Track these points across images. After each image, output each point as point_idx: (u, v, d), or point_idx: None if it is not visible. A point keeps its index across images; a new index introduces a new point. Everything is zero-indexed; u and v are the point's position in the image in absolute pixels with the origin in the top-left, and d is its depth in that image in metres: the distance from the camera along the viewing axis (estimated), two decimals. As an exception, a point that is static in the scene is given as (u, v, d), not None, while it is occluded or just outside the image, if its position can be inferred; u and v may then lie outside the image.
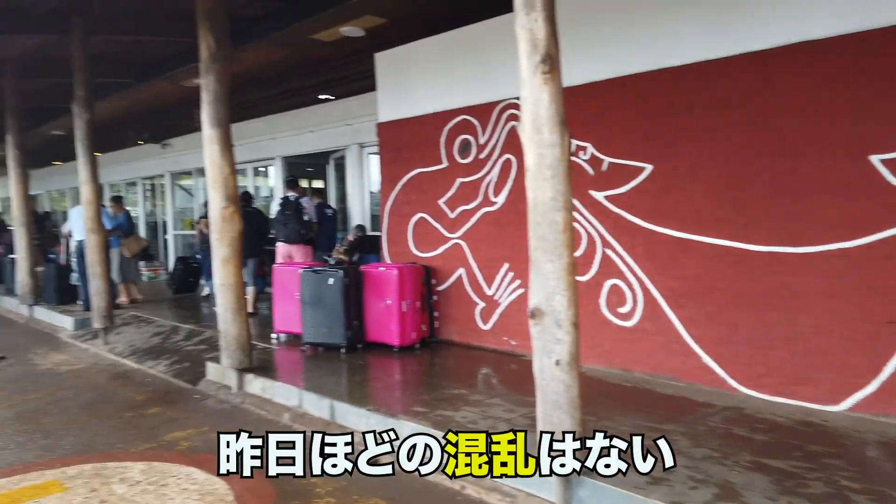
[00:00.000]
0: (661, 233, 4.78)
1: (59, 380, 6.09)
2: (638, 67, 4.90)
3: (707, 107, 4.52)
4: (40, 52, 8.84)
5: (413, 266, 6.19)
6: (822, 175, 4.03)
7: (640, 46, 4.90)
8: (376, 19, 7.61)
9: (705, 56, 4.52)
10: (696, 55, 4.56)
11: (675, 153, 4.72)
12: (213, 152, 5.26)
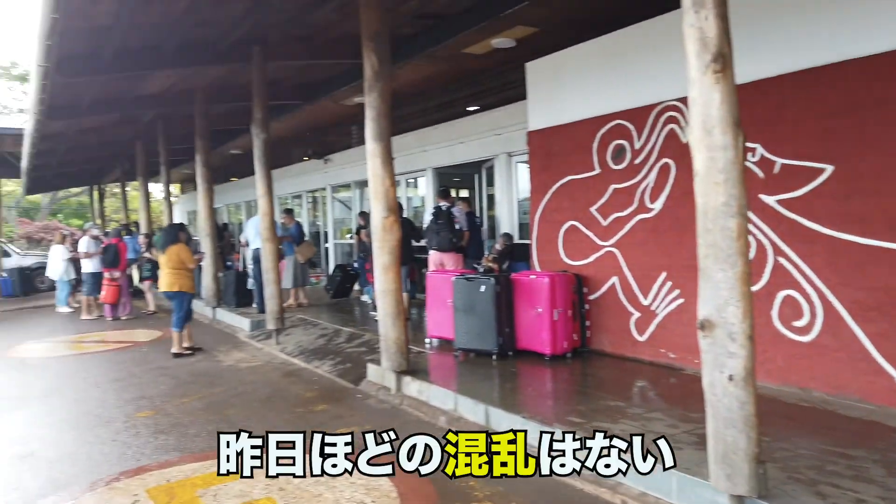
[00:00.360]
0: (845, 239, 4.34)
1: (239, 375, 6.72)
2: (816, 60, 4.50)
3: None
4: (224, 80, 9.88)
5: (564, 274, 6.12)
6: None
7: (819, 37, 4.50)
8: (527, 29, 7.67)
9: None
10: (891, 43, 4.10)
11: (861, 152, 4.27)
12: (375, 165, 5.56)
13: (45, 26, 5.63)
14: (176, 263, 7.69)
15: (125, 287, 11.41)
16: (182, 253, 7.75)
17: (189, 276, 7.83)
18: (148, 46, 7.68)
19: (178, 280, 7.68)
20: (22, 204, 33.30)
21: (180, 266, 7.71)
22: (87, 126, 12.25)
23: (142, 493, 3.73)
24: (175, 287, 7.70)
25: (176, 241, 7.81)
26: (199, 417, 5.23)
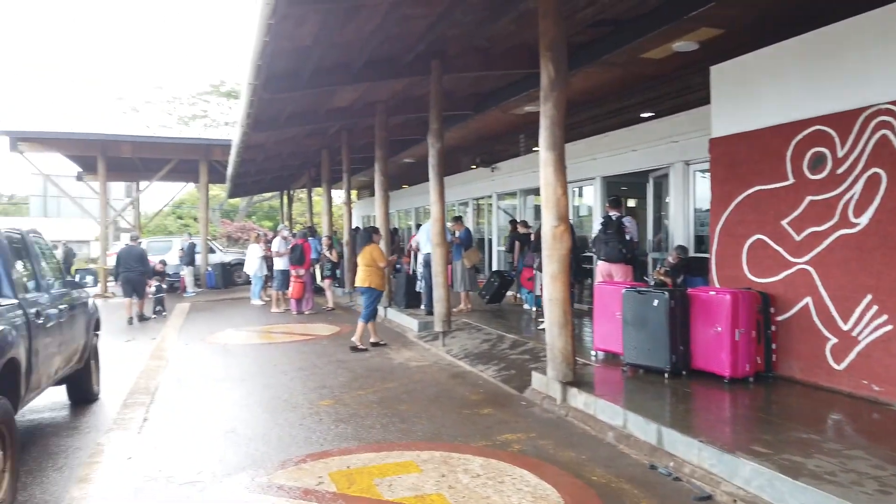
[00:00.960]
0: None
1: (408, 373, 7.05)
2: None
3: None
4: (403, 93, 10.46)
5: (748, 292, 5.69)
6: None
7: None
8: (712, 31, 7.29)
9: None
10: None
11: None
12: (548, 174, 5.57)
13: (257, 49, 6.33)
14: (369, 261, 8.45)
15: (309, 284, 12.46)
16: (374, 252, 8.51)
17: (380, 273, 8.55)
18: (340, 64, 8.35)
19: (369, 277, 8.42)
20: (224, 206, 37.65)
21: (372, 264, 8.44)
22: (282, 137, 13.58)
23: (325, 476, 4.05)
24: (366, 283, 8.44)
25: (370, 241, 8.61)
26: (374, 410, 5.56)
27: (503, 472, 4.07)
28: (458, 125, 12.84)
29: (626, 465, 4.19)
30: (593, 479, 3.95)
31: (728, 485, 3.67)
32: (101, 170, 17.71)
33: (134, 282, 11.78)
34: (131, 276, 11.71)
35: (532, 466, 4.14)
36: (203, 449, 4.69)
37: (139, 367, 7.57)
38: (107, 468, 4.33)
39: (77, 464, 4.41)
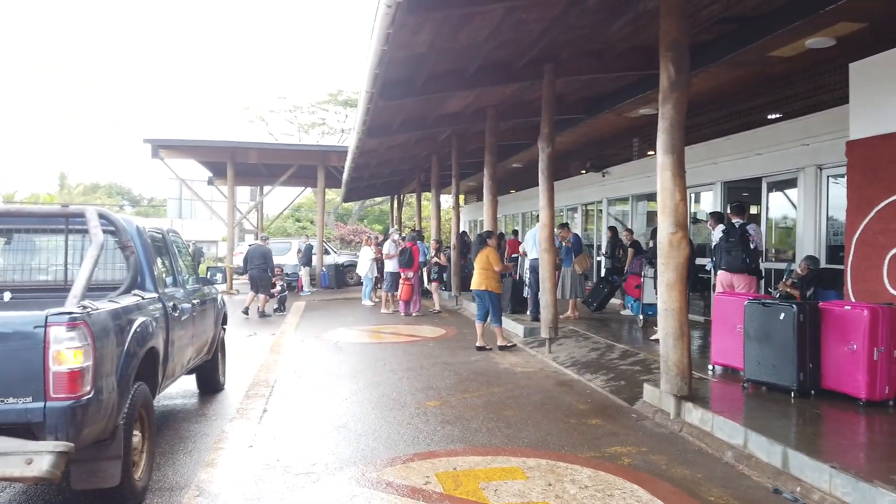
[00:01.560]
0: None
1: (514, 379, 7.01)
2: None
3: None
4: (513, 97, 10.45)
5: (889, 307, 5.18)
6: None
7: None
8: (852, 25, 6.75)
9: None
10: None
11: None
12: (665, 179, 5.35)
13: (375, 57, 6.55)
14: (485, 265, 8.65)
15: (417, 287, 12.71)
16: (490, 256, 8.68)
17: (496, 277, 8.72)
18: (452, 70, 8.48)
19: (485, 280, 8.61)
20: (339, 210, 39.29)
21: (489, 267, 8.63)
22: (394, 143, 13.98)
23: (432, 476, 4.11)
24: (483, 286, 8.64)
25: (485, 245, 8.80)
26: (480, 413, 5.58)
27: (612, 485, 3.95)
28: (568, 129, 12.65)
29: (745, 487, 3.94)
30: (710, 498, 3.75)
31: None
32: (229, 175, 18.99)
33: (257, 279, 12.55)
34: (255, 273, 12.50)
35: (643, 481, 3.99)
36: (317, 441, 4.89)
37: (260, 361, 8.03)
38: (230, 454, 4.63)
39: (204, 448, 4.74)
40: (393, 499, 3.77)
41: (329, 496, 3.88)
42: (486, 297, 8.70)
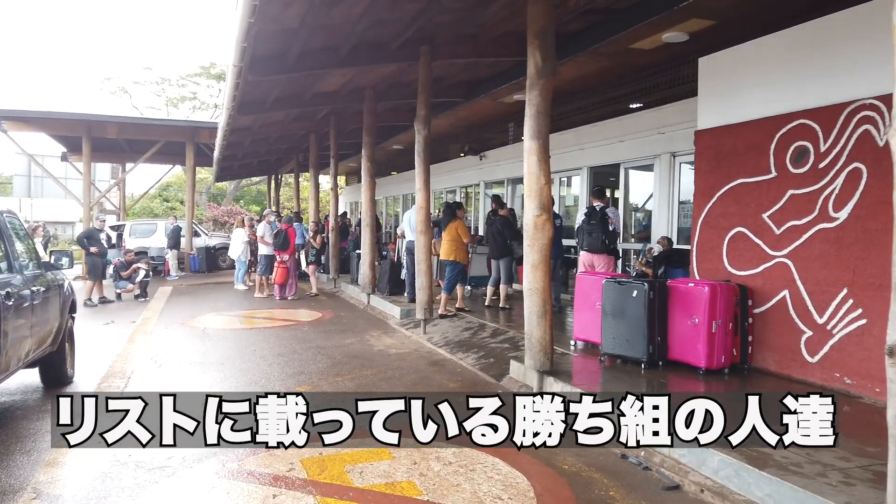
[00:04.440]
0: None
1: (388, 360, 7.03)
2: None
3: None
4: (391, 78, 10.36)
5: (727, 284, 5.71)
6: None
7: None
8: (703, 22, 7.26)
9: None
10: None
11: None
12: (531, 163, 5.53)
13: (241, 30, 6.23)
14: (454, 236, 9.00)
15: (293, 270, 12.38)
16: (460, 228, 9.06)
17: (464, 248, 9.11)
18: (327, 47, 8.26)
19: (454, 251, 8.97)
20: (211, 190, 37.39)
21: (457, 238, 8.99)
22: (269, 121, 13.47)
23: (297, 463, 4.03)
24: (451, 256, 9.01)
25: (454, 218, 9.14)
26: (351, 397, 5.53)
27: (475, 460, 4.06)
28: (447, 112, 12.77)
29: (597, 454, 4.19)
30: (564, 467, 3.96)
31: (696, 474, 3.68)
32: (85, 150, 17.49)
33: (90, 263, 11.80)
34: (87, 257, 11.76)
35: (504, 455, 4.13)
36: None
37: (116, 351, 7.50)
38: (76, 452, 4.27)
39: (45, 447, 4.36)
40: (253, 488, 3.66)
41: (184, 491, 3.70)
42: (450, 267, 9.07)
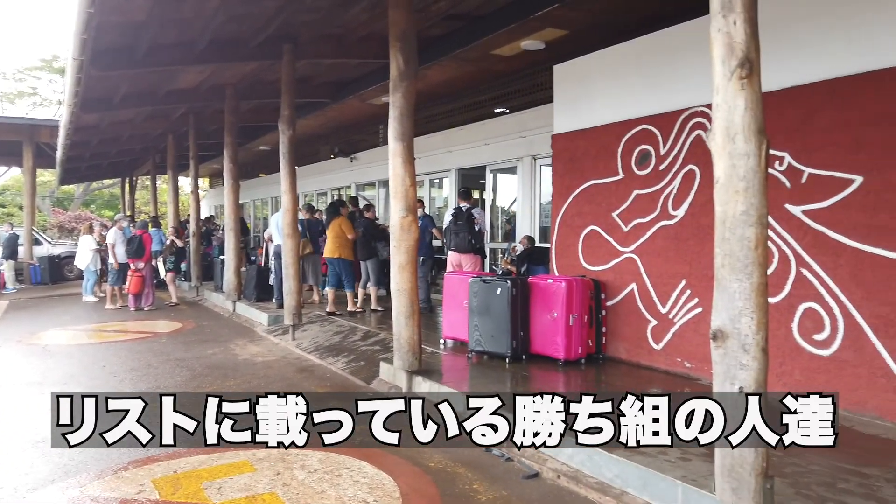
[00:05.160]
0: (871, 252, 4.21)
1: (253, 369, 6.77)
2: (850, 69, 4.38)
3: (936, 110, 3.92)
4: (254, 76, 10.00)
5: (582, 279, 6.05)
6: None
7: (853, 45, 4.38)
8: (557, 32, 7.63)
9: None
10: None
11: (892, 163, 4.14)
12: (396, 165, 5.55)
13: (80, 21, 5.74)
14: (338, 233, 8.92)
15: (149, 278, 11.57)
16: (343, 224, 8.97)
17: (349, 244, 9.03)
18: (180, 42, 7.80)
19: (338, 248, 8.91)
20: (56, 194, 34.14)
21: (341, 235, 8.90)
22: (118, 119, 12.51)
23: (147, 483, 3.76)
24: (336, 254, 8.94)
25: (338, 214, 9.06)
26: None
27: (342, 465, 4.01)
28: (315, 113, 12.53)
29: (463, 450, 4.27)
30: (430, 465, 4.00)
31: (554, 461, 3.86)
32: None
33: None
34: None
35: (371, 457, 4.11)
36: (7, 462, 4.18)
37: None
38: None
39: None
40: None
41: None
42: (338, 265, 9.01)
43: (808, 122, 4.61)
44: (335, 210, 9.25)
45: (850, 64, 4.38)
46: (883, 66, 4.19)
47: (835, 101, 4.47)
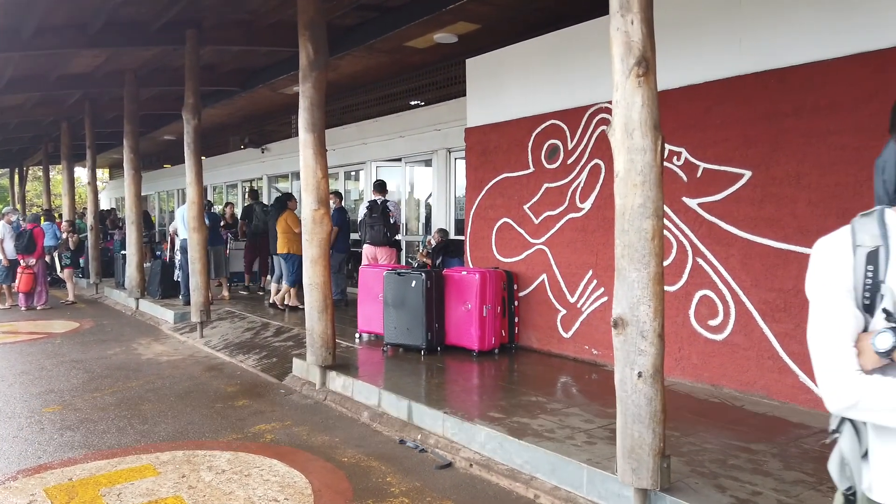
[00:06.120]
0: (758, 242, 4.51)
1: (158, 369, 6.47)
2: (741, 69, 4.65)
3: (815, 110, 4.24)
4: (156, 62, 9.51)
5: (495, 271, 6.15)
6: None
7: (744, 47, 4.65)
8: (470, 26, 7.68)
9: (816, 57, 4.23)
10: (806, 56, 4.28)
11: (777, 159, 4.44)
12: (307, 156, 5.44)
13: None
14: (285, 228, 8.69)
15: (41, 275, 10.80)
16: (289, 219, 8.73)
17: (297, 239, 8.43)
18: (73, 24, 7.33)
19: (287, 243, 8.69)
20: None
21: (288, 230, 8.66)
22: (5, 105, 11.61)
23: (39, 492, 3.53)
24: (285, 249, 8.71)
25: (285, 209, 8.83)
26: (110, 413, 5.00)
27: (251, 464, 3.90)
28: (224, 102, 12.07)
29: (377, 443, 4.27)
30: (343, 460, 3.97)
31: (466, 451, 3.92)
32: None
33: None
34: None
35: (283, 455, 4.03)
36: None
37: None
38: None
39: None
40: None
41: None
42: (288, 260, 8.75)
43: (704, 120, 4.87)
44: (282, 205, 8.95)
45: (743, 65, 4.65)
46: (769, 67, 4.48)
47: (727, 99, 4.74)
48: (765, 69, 4.52)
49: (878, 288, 1.23)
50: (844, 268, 1.27)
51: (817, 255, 1.33)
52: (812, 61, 4.25)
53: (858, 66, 4.02)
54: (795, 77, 4.34)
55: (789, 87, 4.37)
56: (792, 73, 4.36)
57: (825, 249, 1.32)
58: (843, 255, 1.27)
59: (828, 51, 4.17)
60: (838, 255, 1.28)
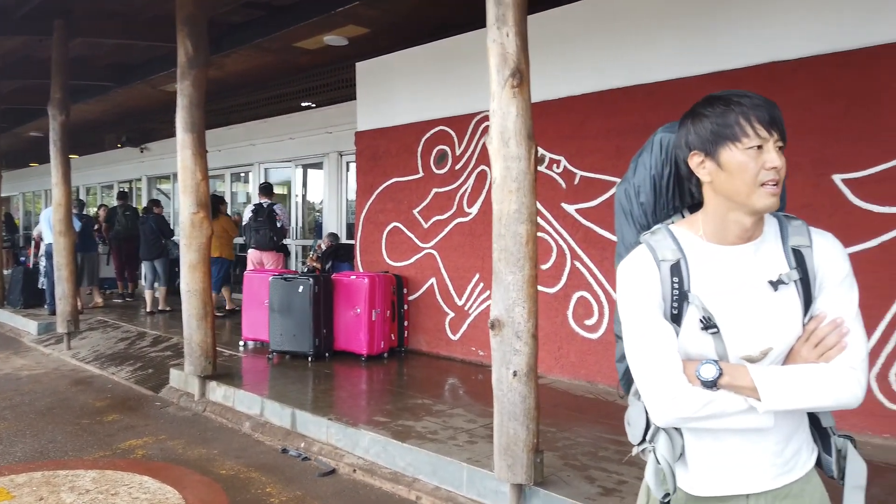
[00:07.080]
0: (629, 247, 4.78)
1: (17, 385, 5.94)
2: (613, 83, 4.93)
3: (678, 124, 4.56)
4: (20, 52, 8.76)
5: (384, 275, 6.15)
6: (787, 194, 4.07)
7: (616, 62, 4.94)
8: (359, 29, 7.63)
9: (679, 74, 4.56)
10: (671, 72, 4.61)
11: (644, 169, 4.74)
12: (186, 157, 5.21)
13: None
14: (218, 232, 8.08)
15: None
16: (224, 223, 8.46)
17: (230, 243, 8.63)
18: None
19: (218, 247, 8.09)
20: None
21: (222, 234, 8.23)
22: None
23: None
24: (216, 253, 8.02)
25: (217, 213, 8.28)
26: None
27: (119, 482, 3.67)
28: (99, 97, 11.29)
29: (258, 454, 4.15)
30: (222, 472, 3.82)
31: (350, 456, 3.89)
32: None
33: None
34: None
35: (154, 471, 3.82)
36: None
37: None
38: None
39: None
40: None
41: None
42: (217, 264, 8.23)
43: (581, 130, 5.12)
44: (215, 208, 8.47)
45: (616, 79, 4.94)
46: (637, 82, 4.78)
47: (600, 111, 5.02)
48: (633, 84, 4.82)
49: (686, 297, 1.27)
50: (653, 283, 1.29)
51: (626, 276, 1.34)
52: (677, 77, 4.58)
53: (717, 83, 4.38)
54: (661, 92, 4.66)
55: (656, 101, 4.69)
56: (658, 89, 4.68)
57: (633, 269, 1.33)
58: (650, 271, 1.30)
59: (691, 68, 4.52)
60: (646, 271, 1.31)
